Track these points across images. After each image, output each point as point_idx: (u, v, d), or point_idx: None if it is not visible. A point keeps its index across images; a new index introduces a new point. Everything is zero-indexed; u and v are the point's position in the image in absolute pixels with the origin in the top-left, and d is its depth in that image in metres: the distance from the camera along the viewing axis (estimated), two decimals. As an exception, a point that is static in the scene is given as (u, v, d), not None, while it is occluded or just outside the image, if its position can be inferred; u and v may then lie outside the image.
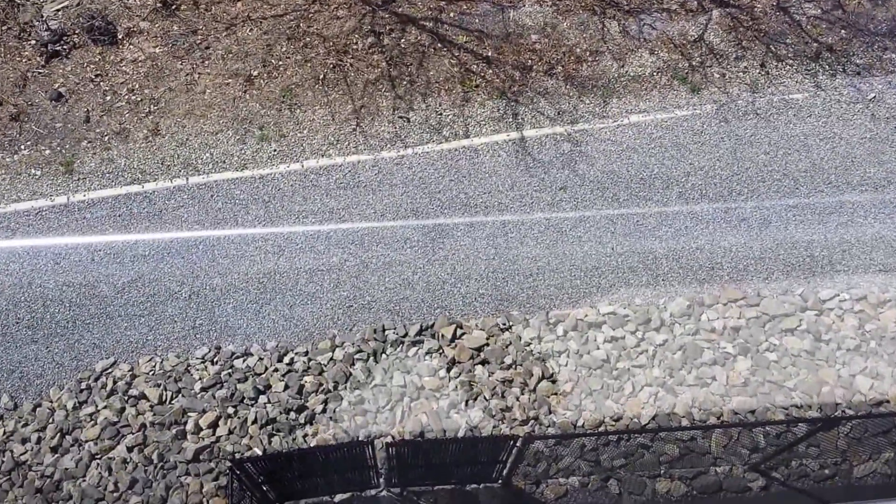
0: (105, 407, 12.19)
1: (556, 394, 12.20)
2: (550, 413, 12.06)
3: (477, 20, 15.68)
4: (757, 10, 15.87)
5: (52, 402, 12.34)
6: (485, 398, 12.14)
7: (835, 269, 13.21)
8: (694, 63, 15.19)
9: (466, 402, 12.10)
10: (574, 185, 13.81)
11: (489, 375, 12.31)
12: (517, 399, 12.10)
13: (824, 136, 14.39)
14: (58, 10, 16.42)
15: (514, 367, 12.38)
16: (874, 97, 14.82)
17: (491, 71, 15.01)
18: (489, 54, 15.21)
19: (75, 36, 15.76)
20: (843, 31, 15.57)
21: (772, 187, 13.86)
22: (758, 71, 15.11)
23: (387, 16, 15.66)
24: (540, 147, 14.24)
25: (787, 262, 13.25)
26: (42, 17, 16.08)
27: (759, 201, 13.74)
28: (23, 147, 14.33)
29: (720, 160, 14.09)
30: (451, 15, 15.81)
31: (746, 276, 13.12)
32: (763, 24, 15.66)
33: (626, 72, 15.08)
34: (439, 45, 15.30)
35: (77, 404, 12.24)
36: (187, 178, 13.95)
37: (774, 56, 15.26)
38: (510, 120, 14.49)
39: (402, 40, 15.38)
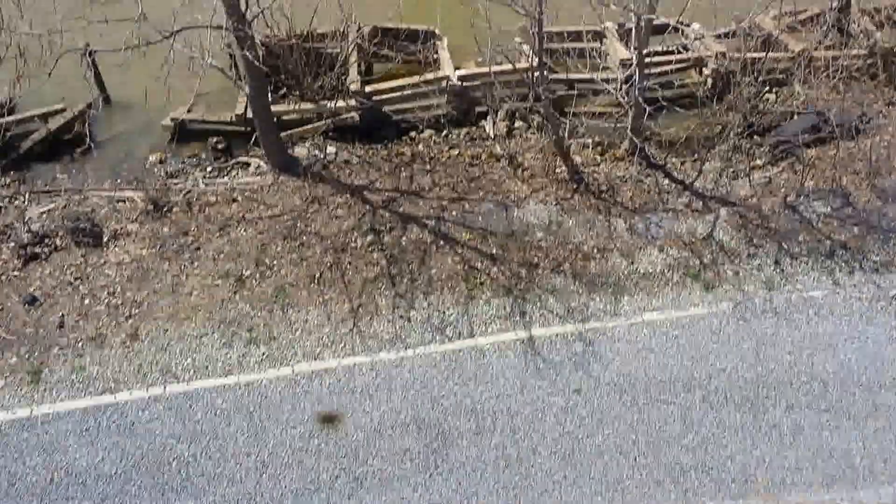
0: None
1: None
2: None
3: (480, 218, 16.03)
4: (765, 208, 16.30)
5: None
6: None
7: (878, 480, 12.45)
8: (705, 261, 15.31)
9: None
10: (589, 389, 13.32)
11: None
12: None
13: (849, 336, 14.18)
14: (42, 213, 16.61)
15: None
16: (896, 294, 14.83)
17: (496, 268, 15.05)
18: (493, 251, 15.37)
19: (58, 238, 15.87)
20: (855, 228, 15.92)
21: (800, 390, 13.41)
22: (772, 268, 15.20)
23: (387, 214, 16.01)
24: (550, 347, 13.92)
25: (826, 472, 12.51)
26: (25, 219, 16.21)
27: (788, 406, 13.23)
28: (-12, 354, 13.82)
29: (743, 361, 13.74)
30: (454, 213, 16.18)
31: (783, 488, 12.33)
32: (773, 222, 16.01)
33: (636, 269, 15.14)
34: (442, 242, 15.48)
35: None
36: (165, 387, 13.37)
37: (788, 253, 15.43)
38: (517, 318, 14.29)
39: (403, 238, 15.58)
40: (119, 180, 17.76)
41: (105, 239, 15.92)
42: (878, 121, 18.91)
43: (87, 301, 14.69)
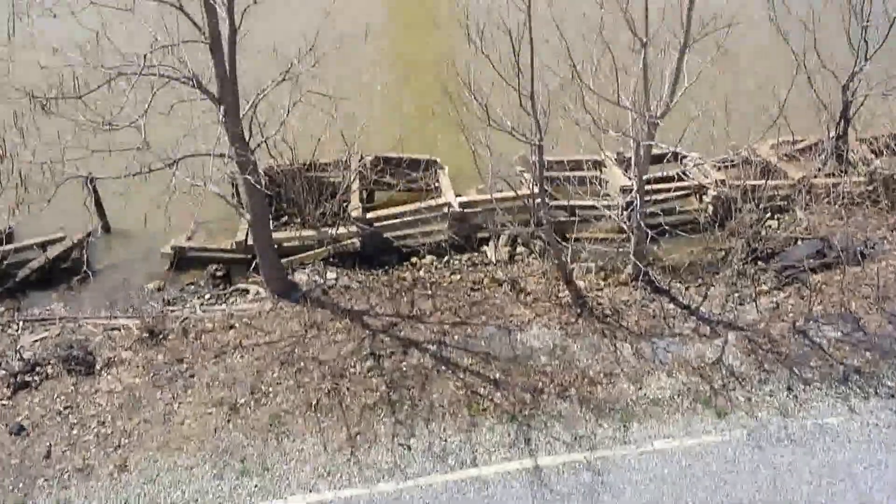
0: None
1: None
2: None
3: (483, 342, 16.04)
4: (774, 333, 16.30)
5: None
6: None
7: None
8: (716, 386, 15.16)
9: None
10: (599, 522, 12.91)
11: None
12: None
13: (868, 464, 13.88)
14: (35, 341, 16.61)
15: None
16: (914, 421, 14.60)
17: (499, 393, 14.92)
18: (497, 376, 15.27)
19: (49, 366, 15.78)
20: (867, 353, 15.88)
21: (822, 522, 13.01)
22: (785, 394, 15.04)
23: (388, 339, 16.03)
24: (557, 476, 13.56)
25: None
26: (17, 347, 16.18)
27: (811, 541, 12.80)
28: (-31, 490, 13.50)
29: (760, 491, 13.38)
30: (456, 338, 16.20)
31: None
32: (783, 347, 15.99)
33: (645, 394, 14.98)
34: (443, 367, 15.42)
35: None
36: (150, 524, 12.99)
37: (800, 379, 15.31)
38: (522, 446, 14.00)
39: (404, 363, 15.53)
40: (115, 308, 17.83)
41: (98, 367, 15.84)
42: (883, 246, 19.18)
43: (75, 431, 14.46)
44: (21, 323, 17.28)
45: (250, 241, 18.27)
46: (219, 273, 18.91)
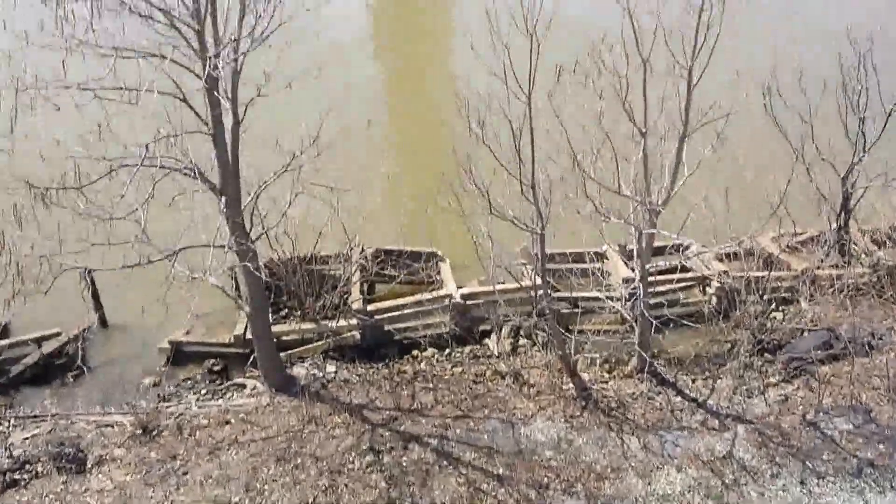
0: None
1: None
2: None
3: (486, 436, 15.70)
4: (784, 426, 15.96)
5: None
6: None
7: None
8: (727, 481, 14.74)
9: None
10: None
11: None
12: None
13: (890, 564, 13.38)
14: (26, 438, 16.29)
15: None
16: (933, 524, 14.12)
17: (503, 490, 14.48)
18: (500, 472, 14.88)
19: (39, 464, 15.46)
20: (881, 445, 15.49)
21: None
22: (798, 489, 14.61)
23: (388, 433, 15.71)
24: (566, 579, 13.05)
25: None
26: (7, 444, 15.85)
27: None
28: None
29: None
30: (458, 432, 15.87)
31: None
32: (794, 440, 15.61)
33: (654, 490, 14.55)
34: (445, 462, 15.03)
35: None
36: None
37: (813, 473, 14.90)
38: (528, 546, 13.52)
39: (404, 458, 15.16)
40: (109, 404, 17.53)
41: (89, 465, 15.51)
42: (891, 337, 18.96)
43: (63, 531, 14.07)
44: (12, 420, 16.98)
45: (249, 335, 18.10)
46: (216, 368, 18.63)
